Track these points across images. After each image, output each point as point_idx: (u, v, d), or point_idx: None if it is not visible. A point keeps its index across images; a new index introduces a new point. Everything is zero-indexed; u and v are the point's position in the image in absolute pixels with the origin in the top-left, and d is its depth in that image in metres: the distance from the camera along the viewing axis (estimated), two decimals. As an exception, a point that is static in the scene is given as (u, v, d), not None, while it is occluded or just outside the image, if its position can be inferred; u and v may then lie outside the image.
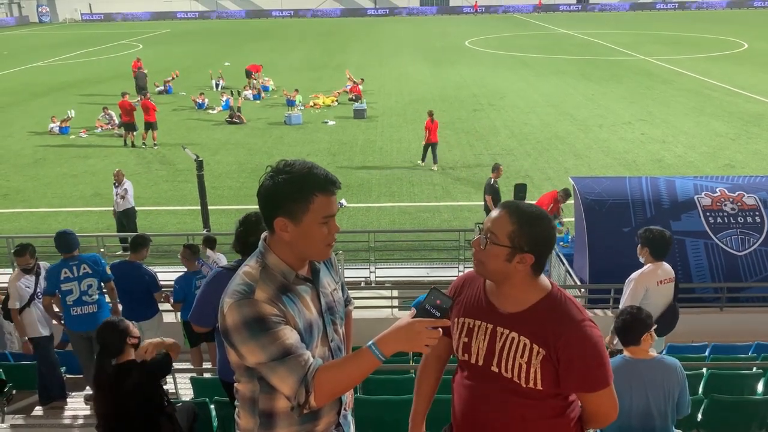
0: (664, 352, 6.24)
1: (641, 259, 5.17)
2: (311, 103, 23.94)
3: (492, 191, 11.77)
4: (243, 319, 2.06)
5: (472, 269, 2.48)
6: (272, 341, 2.05)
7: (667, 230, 5.17)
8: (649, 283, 5.04)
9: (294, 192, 2.08)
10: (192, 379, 5.54)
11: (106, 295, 6.35)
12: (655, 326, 3.85)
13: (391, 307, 8.68)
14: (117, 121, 20.77)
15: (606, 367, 2.21)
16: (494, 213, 2.24)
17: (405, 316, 2.10)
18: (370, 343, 2.05)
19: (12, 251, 6.14)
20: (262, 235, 2.27)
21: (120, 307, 6.66)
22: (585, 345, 2.17)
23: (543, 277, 2.30)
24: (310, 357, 2.09)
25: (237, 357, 2.15)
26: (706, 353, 6.39)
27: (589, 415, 2.34)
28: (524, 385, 2.22)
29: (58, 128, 20.60)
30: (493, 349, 2.28)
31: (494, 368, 2.28)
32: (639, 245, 5.18)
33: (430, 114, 16.56)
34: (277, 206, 2.12)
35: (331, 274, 2.44)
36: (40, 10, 72.29)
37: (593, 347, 2.17)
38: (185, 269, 6.98)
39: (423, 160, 16.78)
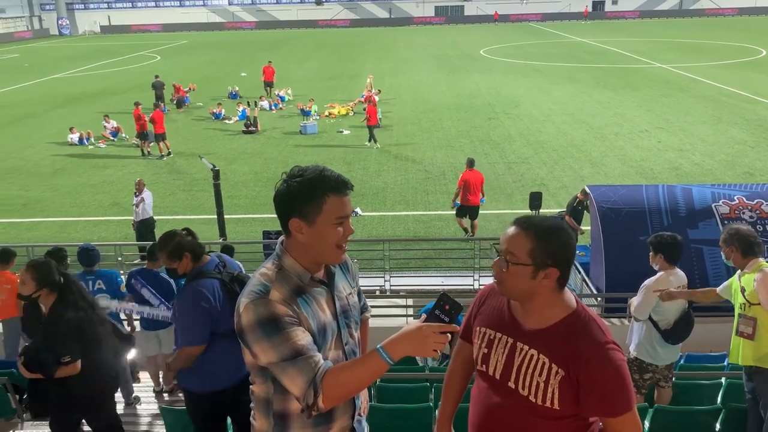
0: (682, 361, 6.18)
1: (655, 267, 5.13)
2: (326, 113, 24.06)
3: (574, 212, 11.07)
4: (257, 318, 2.11)
5: None
6: (284, 341, 2.08)
7: (677, 234, 5.13)
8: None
9: (306, 193, 2.14)
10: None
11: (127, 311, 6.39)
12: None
13: (406, 315, 8.68)
14: (118, 128, 21.54)
15: (629, 391, 2.14)
16: (510, 231, 2.19)
17: (415, 321, 2.11)
18: (378, 346, 2.07)
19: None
20: (279, 239, 2.32)
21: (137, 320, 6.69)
22: (607, 368, 2.10)
23: (568, 294, 2.25)
24: (321, 359, 2.11)
25: (251, 357, 2.20)
26: (725, 363, 6.30)
27: None
28: (540, 404, 2.17)
29: (77, 139, 20.87)
30: (512, 364, 2.24)
31: (511, 384, 2.24)
32: (651, 253, 5.13)
33: (373, 101, 20.41)
34: (291, 208, 2.17)
35: (347, 278, 2.46)
36: (60, 22, 73.39)
37: (616, 371, 2.11)
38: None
39: (375, 141, 19.44)
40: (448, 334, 2.04)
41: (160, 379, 6.81)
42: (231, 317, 3.82)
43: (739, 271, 4.70)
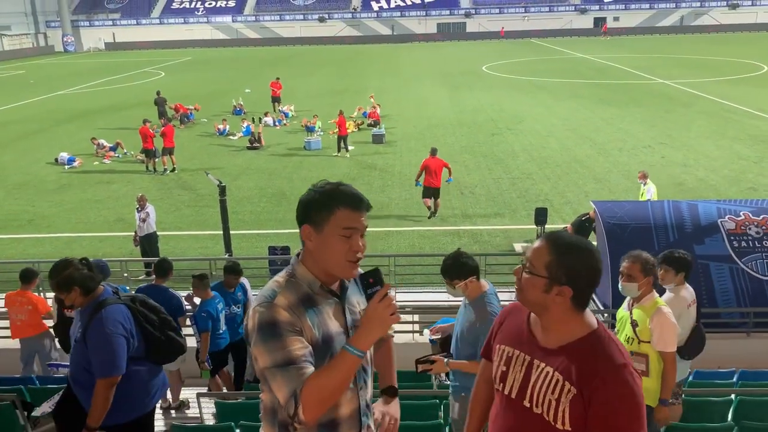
0: (690, 378, 6.16)
1: (665, 283, 5.09)
2: (333, 130, 23.91)
3: (579, 227, 11.19)
4: (259, 322, 2.15)
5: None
6: (279, 347, 2.11)
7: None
8: (681, 308, 4.97)
9: (320, 202, 2.21)
10: (216, 404, 5.55)
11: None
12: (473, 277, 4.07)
13: (413, 332, 8.66)
14: (108, 146, 21.47)
15: (641, 419, 2.05)
16: (536, 243, 2.22)
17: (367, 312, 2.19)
18: (345, 343, 2.13)
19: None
20: (297, 251, 2.37)
21: None
22: (622, 391, 2.05)
23: (589, 315, 2.21)
24: (312, 372, 2.13)
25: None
26: (734, 379, 6.29)
27: None
28: (553, 423, 2.14)
29: (67, 158, 20.51)
30: (528, 382, 2.23)
31: (526, 403, 2.23)
32: (662, 270, 5.07)
33: (341, 113, 20.92)
34: (305, 214, 2.25)
35: (357, 295, 2.47)
36: (65, 39, 74.02)
37: (631, 396, 2.05)
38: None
39: (339, 151, 20.59)
40: (391, 296, 2.14)
41: (168, 396, 6.80)
42: (142, 340, 3.85)
43: (629, 301, 4.52)
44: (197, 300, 6.93)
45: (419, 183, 14.70)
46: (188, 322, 7.07)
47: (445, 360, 3.98)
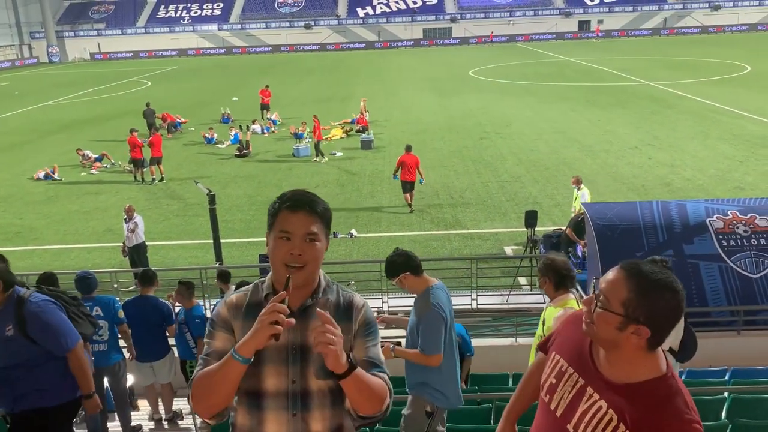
0: (683, 377, 6.19)
1: None
2: (328, 136, 23.90)
3: (577, 227, 11.22)
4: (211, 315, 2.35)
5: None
6: (208, 339, 2.28)
7: (654, 256, 5.14)
8: None
9: (271, 206, 2.27)
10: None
11: (121, 340, 6.36)
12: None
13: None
14: (94, 156, 21.44)
15: None
16: (610, 274, 1.99)
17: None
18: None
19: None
20: None
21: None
22: None
23: (660, 356, 2.03)
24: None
25: None
26: (727, 377, 6.32)
27: None
28: None
29: (43, 175, 20.15)
30: (576, 407, 2.07)
31: (570, 427, 2.08)
32: None
33: (315, 117, 21.04)
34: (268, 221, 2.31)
35: (341, 324, 2.17)
36: (50, 50, 73.57)
37: None
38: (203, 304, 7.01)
39: (325, 157, 20.78)
40: (281, 306, 2.01)
41: (160, 408, 6.75)
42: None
43: (548, 301, 4.65)
44: (178, 307, 6.89)
45: (396, 177, 15.71)
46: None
47: (391, 346, 4.20)
